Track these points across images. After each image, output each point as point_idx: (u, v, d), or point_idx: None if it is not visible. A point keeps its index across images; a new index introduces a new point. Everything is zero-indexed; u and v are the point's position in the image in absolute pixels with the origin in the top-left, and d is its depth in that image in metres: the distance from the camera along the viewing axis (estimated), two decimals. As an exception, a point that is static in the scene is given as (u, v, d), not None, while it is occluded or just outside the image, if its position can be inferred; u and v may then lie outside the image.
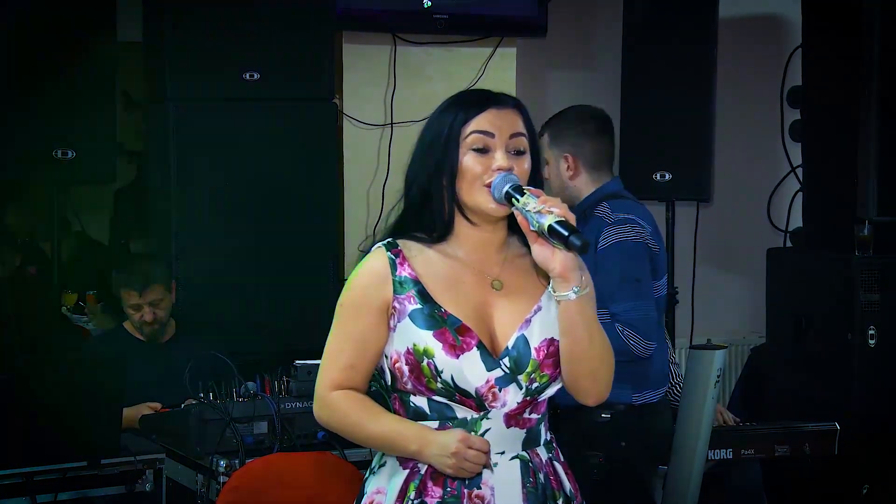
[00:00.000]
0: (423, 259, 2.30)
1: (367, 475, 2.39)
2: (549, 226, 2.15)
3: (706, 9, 5.09)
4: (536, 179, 2.33)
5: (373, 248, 2.33)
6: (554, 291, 2.23)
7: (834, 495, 4.31)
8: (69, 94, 4.37)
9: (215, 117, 4.57)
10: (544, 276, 2.29)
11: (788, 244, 5.46)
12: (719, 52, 5.10)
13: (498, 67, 5.20)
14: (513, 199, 2.21)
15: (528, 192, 2.20)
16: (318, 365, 3.53)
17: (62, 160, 4.36)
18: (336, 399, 2.32)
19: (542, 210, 2.17)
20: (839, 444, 4.10)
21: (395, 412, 2.32)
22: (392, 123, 5.07)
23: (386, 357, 2.31)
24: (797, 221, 5.35)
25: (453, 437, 2.21)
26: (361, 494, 2.36)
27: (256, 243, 4.60)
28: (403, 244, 2.31)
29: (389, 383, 2.33)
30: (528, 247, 2.27)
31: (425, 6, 4.93)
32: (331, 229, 4.75)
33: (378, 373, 2.35)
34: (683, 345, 5.32)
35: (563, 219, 2.16)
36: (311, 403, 3.48)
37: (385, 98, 5.11)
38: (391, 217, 2.36)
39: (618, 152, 5.17)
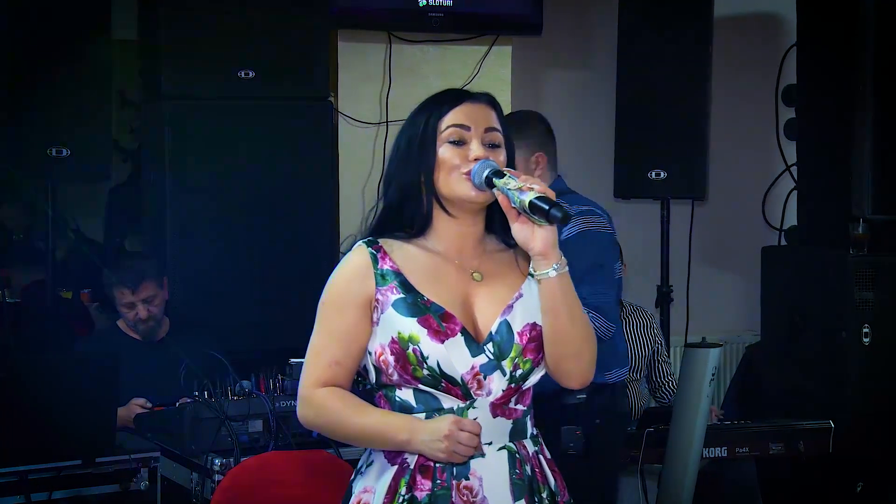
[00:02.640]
0: (403, 253, 2.33)
1: (353, 476, 2.38)
2: (530, 201, 2.20)
3: (701, 7, 5.09)
4: None
5: (353, 246, 2.35)
6: (535, 271, 2.27)
7: (828, 493, 4.31)
8: (64, 93, 4.36)
9: (210, 116, 4.56)
10: (524, 264, 2.33)
11: (783, 242, 5.46)
12: (714, 51, 5.10)
13: (493, 65, 5.19)
14: (493, 181, 2.25)
15: (507, 174, 2.26)
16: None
17: (57, 158, 4.35)
18: (320, 396, 2.31)
19: (522, 187, 2.21)
20: (833, 442, 4.11)
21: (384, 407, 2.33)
22: (387, 122, 5.06)
23: (370, 353, 2.31)
24: (792, 219, 5.35)
25: (445, 421, 2.22)
26: (349, 495, 2.36)
27: (251, 241, 4.60)
28: (384, 241, 2.34)
29: (374, 380, 2.33)
30: (507, 244, 2.33)
31: (420, 4, 4.93)
32: (326, 227, 4.75)
33: (364, 372, 2.35)
34: (678, 343, 5.32)
35: (543, 194, 2.20)
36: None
37: (380, 96, 5.10)
38: (370, 219, 2.39)
39: (613, 150, 5.21)
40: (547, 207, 2.18)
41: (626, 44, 5.15)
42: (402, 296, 2.28)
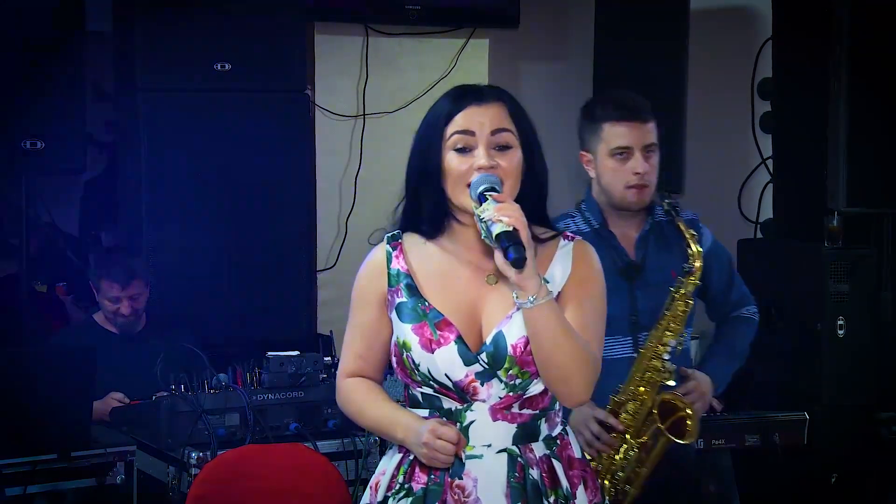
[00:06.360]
0: (420, 253, 2.33)
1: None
2: (496, 234, 2.15)
3: (677, 0, 5.10)
4: (536, 170, 2.32)
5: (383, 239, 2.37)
6: (515, 299, 2.22)
7: (803, 485, 4.34)
8: (38, 85, 4.33)
9: (186, 108, 4.55)
10: (538, 267, 2.25)
11: (759, 235, 5.48)
12: (690, 44, 5.11)
13: (470, 59, 5.20)
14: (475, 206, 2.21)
15: (490, 198, 2.18)
16: (290, 357, 3.61)
17: (30, 151, 4.32)
18: (347, 386, 2.41)
19: (493, 218, 2.15)
20: (808, 434, 4.13)
21: (406, 398, 2.39)
22: (364, 115, 5.06)
23: (392, 344, 2.36)
24: (768, 213, 5.37)
25: (425, 427, 2.26)
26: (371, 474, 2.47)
27: (228, 234, 4.59)
28: (407, 237, 2.35)
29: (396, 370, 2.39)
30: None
31: (397, -3, 4.93)
32: (302, 220, 4.74)
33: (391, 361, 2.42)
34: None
35: (509, 229, 2.14)
36: (283, 395, 3.56)
37: (357, 89, 5.09)
38: (398, 209, 2.37)
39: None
40: (505, 246, 2.12)
41: (602, 37, 5.15)
42: (404, 300, 2.30)
